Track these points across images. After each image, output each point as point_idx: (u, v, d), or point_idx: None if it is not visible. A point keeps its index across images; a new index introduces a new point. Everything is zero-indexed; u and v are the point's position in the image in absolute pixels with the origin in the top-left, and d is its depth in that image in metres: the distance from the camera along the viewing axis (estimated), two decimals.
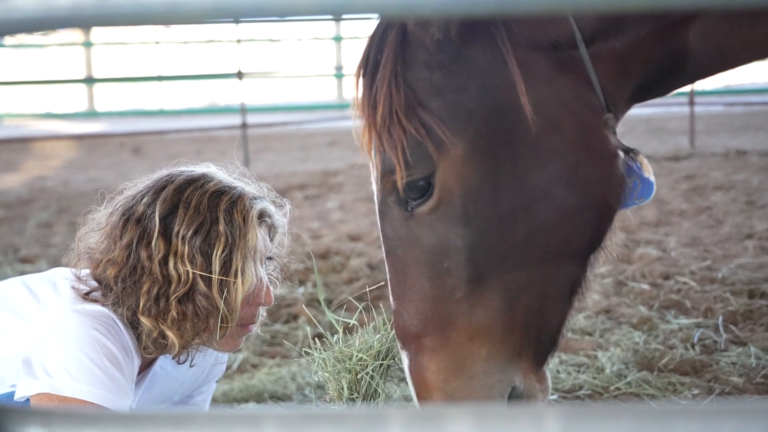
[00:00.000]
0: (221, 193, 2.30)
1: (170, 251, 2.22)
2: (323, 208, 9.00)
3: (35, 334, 2.17)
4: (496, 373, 2.01)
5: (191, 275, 2.21)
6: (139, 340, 2.26)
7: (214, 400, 2.89)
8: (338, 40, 20.43)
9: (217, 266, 2.22)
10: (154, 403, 2.43)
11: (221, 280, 2.23)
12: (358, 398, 2.24)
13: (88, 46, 21.73)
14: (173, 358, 2.35)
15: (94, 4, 0.96)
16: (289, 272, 2.61)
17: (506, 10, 0.96)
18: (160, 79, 18.49)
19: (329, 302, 5.19)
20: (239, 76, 12.70)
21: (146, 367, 2.38)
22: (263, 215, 2.35)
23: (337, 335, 2.32)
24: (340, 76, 21.08)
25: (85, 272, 2.32)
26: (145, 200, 2.28)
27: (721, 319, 4.64)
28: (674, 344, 4.33)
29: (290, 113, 19.55)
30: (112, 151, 15.66)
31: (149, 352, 2.27)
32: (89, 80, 23.35)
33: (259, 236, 2.31)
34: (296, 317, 5.12)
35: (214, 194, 2.29)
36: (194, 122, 18.60)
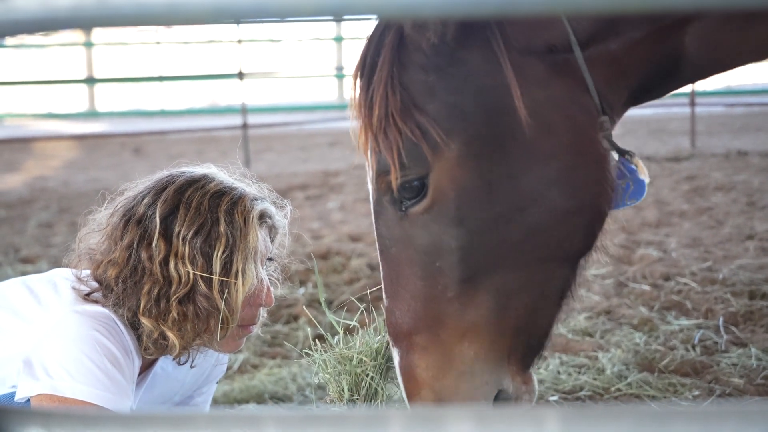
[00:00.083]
0: (222, 193, 2.30)
1: (171, 252, 2.23)
2: (324, 208, 9.00)
3: (36, 334, 2.17)
4: (484, 373, 2.02)
5: (192, 276, 2.22)
6: (139, 340, 2.26)
7: (214, 400, 2.89)
8: (339, 40, 20.41)
9: (217, 267, 2.23)
10: (154, 403, 2.43)
11: (222, 281, 2.23)
12: (358, 399, 2.24)
13: (89, 46, 21.71)
14: (174, 359, 2.35)
15: (94, 4, 0.96)
16: (289, 273, 2.61)
17: (505, 11, 0.96)
18: (161, 79, 18.48)
19: (330, 303, 5.19)
20: (240, 76, 12.71)
21: (147, 368, 2.38)
22: (264, 216, 2.36)
23: (337, 336, 2.32)
24: (340, 76, 21.04)
25: (85, 273, 2.32)
26: (145, 201, 2.29)
27: (721, 320, 4.63)
28: (675, 345, 4.32)
29: (291, 114, 19.55)
30: (113, 151, 15.65)
31: (150, 353, 2.27)
32: (90, 80, 23.33)
33: (259, 237, 2.32)
34: (297, 318, 5.12)
35: (214, 195, 2.29)
36: (195, 123, 18.59)
